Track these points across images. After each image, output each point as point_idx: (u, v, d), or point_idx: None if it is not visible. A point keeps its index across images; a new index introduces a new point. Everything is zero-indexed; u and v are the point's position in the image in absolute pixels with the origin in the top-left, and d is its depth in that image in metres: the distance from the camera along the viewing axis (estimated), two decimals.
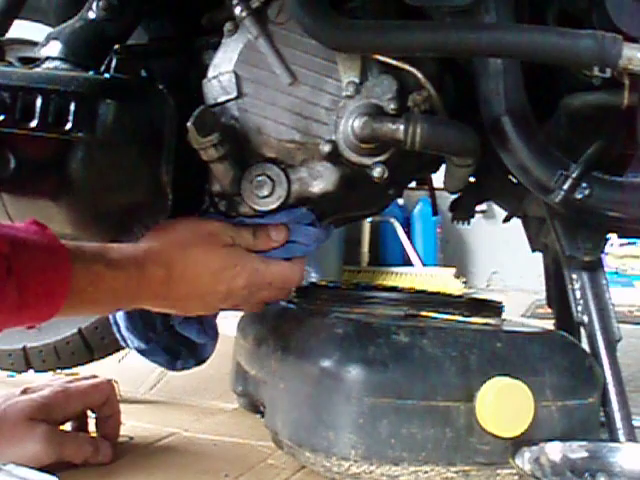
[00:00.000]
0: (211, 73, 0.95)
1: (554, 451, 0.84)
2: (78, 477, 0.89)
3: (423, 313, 1.02)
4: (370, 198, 1.07)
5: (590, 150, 0.92)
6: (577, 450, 0.85)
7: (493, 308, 1.10)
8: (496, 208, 1.51)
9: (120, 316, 0.98)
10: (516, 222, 1.30)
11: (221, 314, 0.99)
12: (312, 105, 0.92)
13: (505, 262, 3.94)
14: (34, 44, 1.06)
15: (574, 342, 0.98)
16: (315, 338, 0.92)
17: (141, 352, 1.01)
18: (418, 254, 3.80)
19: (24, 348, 1.35)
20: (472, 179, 1.14)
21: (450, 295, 1.28)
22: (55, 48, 0.99)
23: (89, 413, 0.99)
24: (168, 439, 1.06)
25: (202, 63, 0.98)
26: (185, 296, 0.88)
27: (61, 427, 0.94)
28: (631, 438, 0.92)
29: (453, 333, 0.91)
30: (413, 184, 1.29)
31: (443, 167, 1.07)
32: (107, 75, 0.95)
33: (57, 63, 0.97)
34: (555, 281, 1.24)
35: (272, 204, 0.94)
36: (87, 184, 0.90)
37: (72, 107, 0.87)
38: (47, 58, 0.98)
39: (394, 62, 0.89)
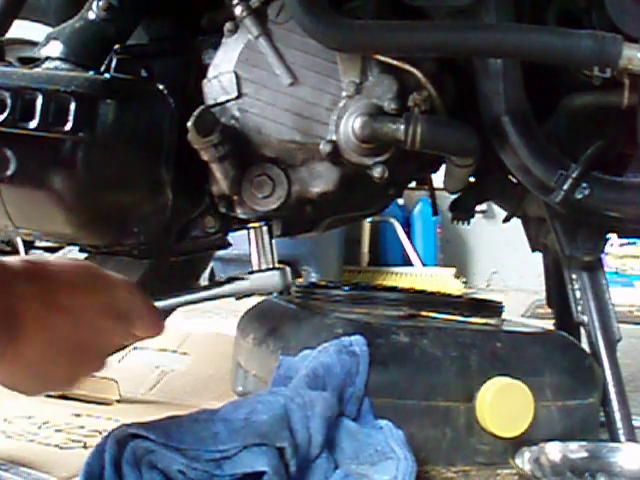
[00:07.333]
0: (211, 73, 0.95)
1: (554, 451, 0.84)
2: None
3: (423, 313, 1.02)
4: (370, 198, 1.07)
5: (590, 150, 0.91)
6: (577, 450, 0.84)
7: (493, 308, 1.10)
8: (496, 208, 1.51)
9: None
10: (516, 222, 1.30)
11: (222, 314, 0.99)
12: (312, 105, 0.92)
13: (505, 262, 3.93)
14: (34, 44, 1.06)
15: (574, 342, 0.98)
16: (315, 338, 0.92)
17: None
18: (418, 254, 3.80)
19: None
20: (472, 179, 1.14)
21: (450, 295, 1.28)
22: (55, 48, 0.99)
23: None
24: None
25: (202, 63, 0.98)
26: None
27: None
28: (631, 438, 0.92)
29: (453, 333, 0.91)
30: (413, 184, 1.29)
31: (443, 167, 1.07)
32: (107, 75, 0.95)
33: (57, 63, 0.97)
34: (555, 281, 1.24)
35: (272, 204, 0.94)
36: (87, 184, 0.90)
37: (72, 107, 0.87)
38: (47, 58, 0.98)
39: (394, 62, 0.89)
